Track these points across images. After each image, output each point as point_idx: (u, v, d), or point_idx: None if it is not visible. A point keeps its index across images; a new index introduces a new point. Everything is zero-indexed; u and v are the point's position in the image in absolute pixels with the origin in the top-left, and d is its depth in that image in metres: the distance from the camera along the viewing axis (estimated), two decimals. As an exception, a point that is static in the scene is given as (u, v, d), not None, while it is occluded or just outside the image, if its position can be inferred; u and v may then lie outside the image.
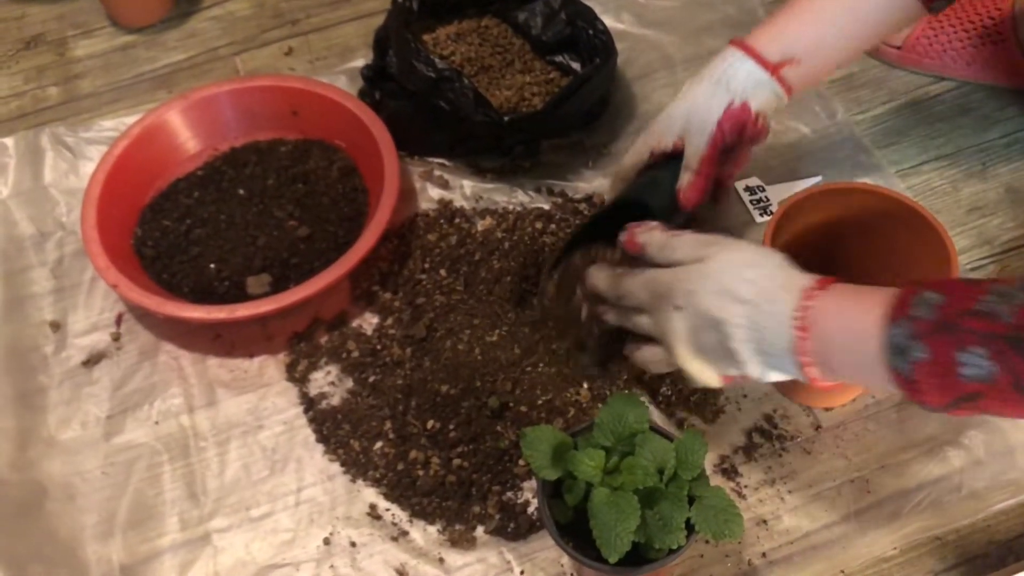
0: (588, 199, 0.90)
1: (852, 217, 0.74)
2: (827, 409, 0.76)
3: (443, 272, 0.84)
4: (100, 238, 0.82)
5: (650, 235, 0.67)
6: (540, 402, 0.76)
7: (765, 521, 0.72)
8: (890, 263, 0.74)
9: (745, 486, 0.73)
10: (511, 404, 0.75)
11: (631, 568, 0.61)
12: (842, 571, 0.69)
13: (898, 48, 0.98)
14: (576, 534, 0.63)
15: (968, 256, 0.85)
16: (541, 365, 0.78)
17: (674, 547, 0.60)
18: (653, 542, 0.60)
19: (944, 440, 0.74)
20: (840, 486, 0.73)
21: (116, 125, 0.96)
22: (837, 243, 0.76)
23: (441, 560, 0.71)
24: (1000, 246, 0.86)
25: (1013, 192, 0.89)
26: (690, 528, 0.61)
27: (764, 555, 0.70)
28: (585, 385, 0.77)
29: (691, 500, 0.61)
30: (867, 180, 0.89)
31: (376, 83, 0.94)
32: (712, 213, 0.85)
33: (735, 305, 0.59)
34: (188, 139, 0.92)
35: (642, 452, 0.61)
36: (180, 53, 1.04)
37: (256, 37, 1.05)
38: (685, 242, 0.64)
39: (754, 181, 0.90)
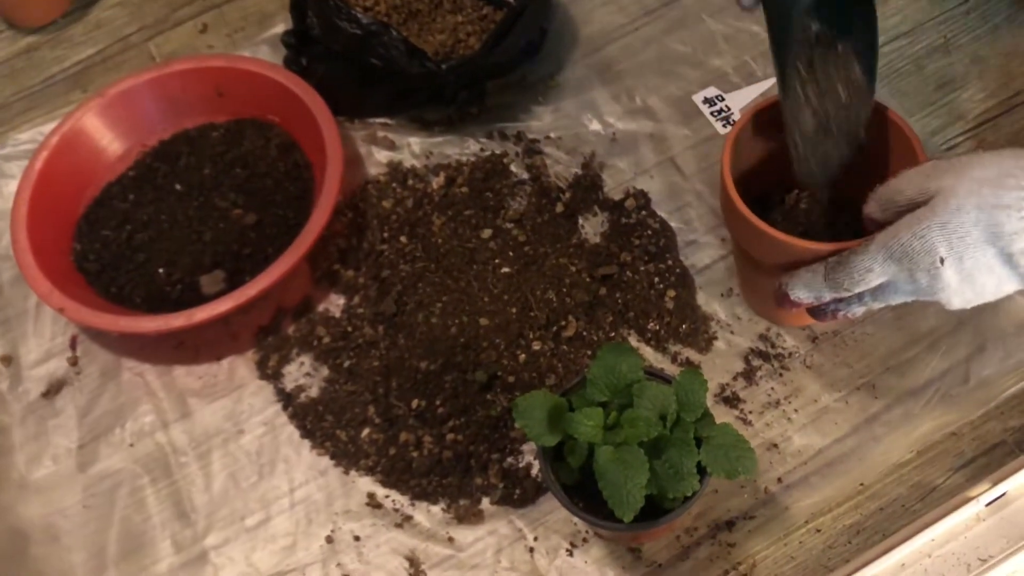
0: (546, 137, 0.85)
1: None
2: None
3: (404, 239, 0.79)
4: (36, 261, 0.77)
5: (874, 196, 0.60)
6: (523, 359, 0.72)
7: (776, 445, 0.69)
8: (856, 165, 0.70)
9: (750, 412, 0.71)
10: (498, 373, 0.72)
11: (648, 522, 0.59)
12: (861, 484, 0.67)
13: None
14: (585, 493, 0.60)
15: (942, 135, 0.82)
16: (527, 330, 0.74)
17: (688, 494, 0.57)
18: (666, 492, 0.57)
19: (945, 331, 0.72)
20: (846, 396, 0.71)
21: (33, 136, 0.90)
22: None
23: (451, 539, 0.68)
24: (974, 120, 0.82)
25: (979, 61, 0.85)
26: (702, 471, 0.58)
27: (780, 480, 0.68)
28: (572, 323, 0.74)
29: (698, 442, 0.58)
30: (828, 72, 0.85)
31: (300, 49, 0.88)
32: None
33: (1005, 214, 0.53)
34: (112, 140, 0.86)
35: (640, 402, 0.58)
36: (89, 47, 0.98)
37: (167, 18, 0.99)
38: (906, 181, 0.58)
39: (712, 91, 0.86)
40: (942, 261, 0.55)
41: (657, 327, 0.74)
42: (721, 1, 0.91)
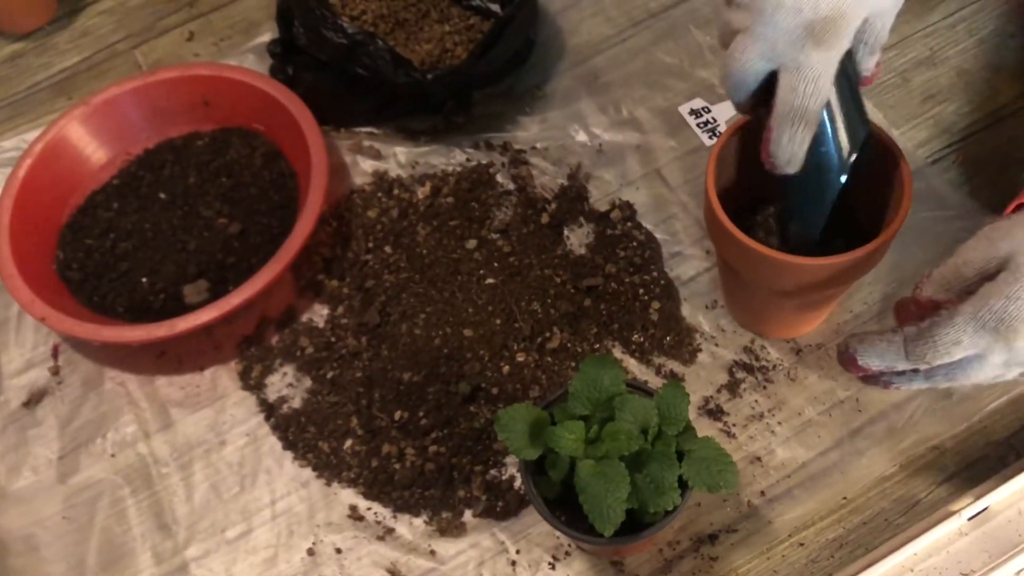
0: (532, 148, 0.85)
1: None
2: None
3: (388, 249, 0.79)
4: (19, 270, 0.77)
5: (932, 279, 0.56)
6: (507, 370, 0.72)
7: (759, 458, 0.69)
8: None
9: (733, 425, 0.70)
10: (482, 385, 0.72)
11: (630, 536, 0.58)
12: (844, 497, 0.67)
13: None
14: (568, 506, 0.60)
15: (927, 148, 0.82)
16: (510, 341, 0.74)
17: (669, 508, 0.57)
18: (647, 506, 0.57)
19: (929, 345, 0.72)
20: (830, 409, 0.71)
21: (17, 144, 0.90)
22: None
23: (432, 552, 0.68)
24: (959, 133, 0.83)
25: (965, 74, 0.86)
26: (683, 485, 0.58)
27: (763, 493, 0.68)
28: (557, 335, 0.74)
29: (680, 455, 0.58)
30: (814, 84, 0.85)
31: (286, 58, 0.88)
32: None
33: None
34: (97, 148, 0.86)
35: (622, 415, 0.57)
36: (75, 55, 0.97)
37: (153, 26, 0.98)
38: (971, 253, 0.54)
39: (698, 103, 0.86)
40: None
41: (641, 339, 0.74)
42: (708, 13, 0.92)
